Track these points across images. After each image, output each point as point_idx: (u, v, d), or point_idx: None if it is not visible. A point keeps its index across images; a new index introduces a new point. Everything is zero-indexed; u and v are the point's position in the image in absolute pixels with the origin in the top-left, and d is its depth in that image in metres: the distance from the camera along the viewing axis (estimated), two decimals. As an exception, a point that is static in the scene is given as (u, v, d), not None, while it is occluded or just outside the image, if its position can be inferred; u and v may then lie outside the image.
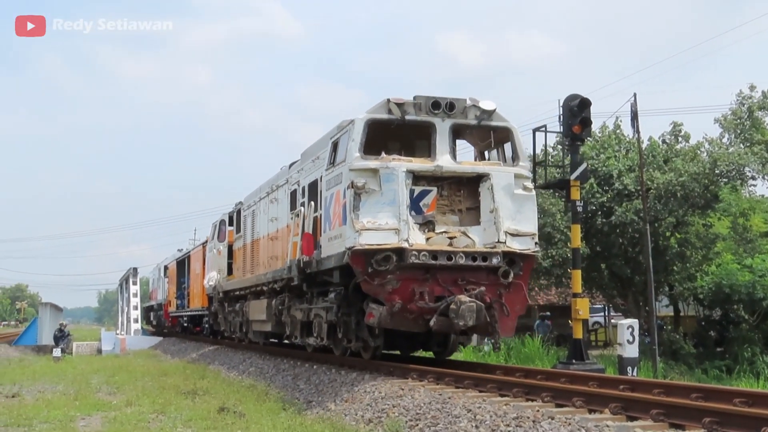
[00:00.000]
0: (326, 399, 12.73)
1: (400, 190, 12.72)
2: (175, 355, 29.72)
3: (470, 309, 12.33)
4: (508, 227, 13.06)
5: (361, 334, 13.97)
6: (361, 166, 12.77)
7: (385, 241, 12.53)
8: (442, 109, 13.34)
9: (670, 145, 31.93)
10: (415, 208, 13.07)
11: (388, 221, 12.60)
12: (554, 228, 30.79)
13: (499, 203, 13.07)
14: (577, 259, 18.98)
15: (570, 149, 19.49)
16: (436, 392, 10.89)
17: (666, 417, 7.92)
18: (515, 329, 14.02)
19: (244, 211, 22.88)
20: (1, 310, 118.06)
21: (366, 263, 12.53)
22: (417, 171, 13.05)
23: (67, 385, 17.91)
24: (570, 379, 11.37)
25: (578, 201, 18.91)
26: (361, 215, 12.59)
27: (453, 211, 13.47)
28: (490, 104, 13.71)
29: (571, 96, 18.75)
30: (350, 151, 12.96)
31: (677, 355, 30.31)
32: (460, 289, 12.71)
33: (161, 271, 50.02)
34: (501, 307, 12.95)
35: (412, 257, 12.48)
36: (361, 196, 12.64)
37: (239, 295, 23.15)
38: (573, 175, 18.76)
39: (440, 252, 12.67)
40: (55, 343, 34.73)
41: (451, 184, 13.44)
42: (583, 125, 18.71)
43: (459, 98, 13.55)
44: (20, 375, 21.33)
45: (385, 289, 12.55)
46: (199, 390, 15.54)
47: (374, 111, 13.29)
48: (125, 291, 50.01)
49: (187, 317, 40.25)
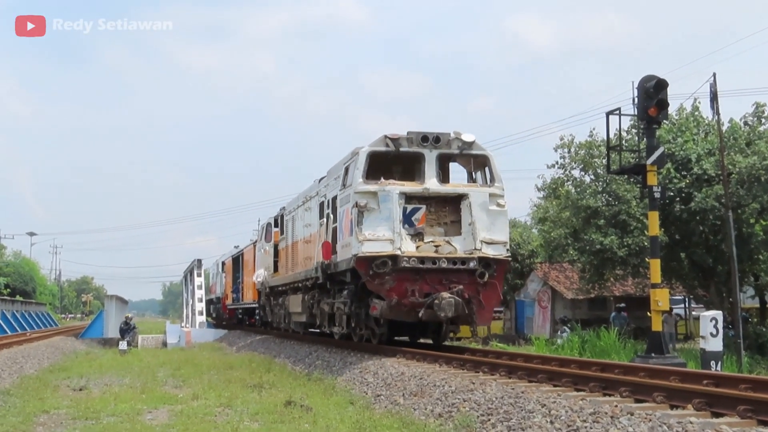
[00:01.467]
0: (394, 392, 12.76)
1: (394, 208, 16.37)
2: (241, 348, 30.17)
3: (449, 303, 15.80)
4: (483, 237, 16.52)
5: (369, 324, 17.75)
6: (363, 190, 16.47)
7: (382, 250, 16.14)
8: (430, 141, 16.81)
9: (753, 127, 31.05)
10: (407, 222, 16.62)
11: (385, 233, 16.25)
12: (629, 215, 30.31)
13: (475, 218, 16.56)
14: (655, 248, 18.65)
15: (645, 133, 19.14)
16: (508, 386, 10.84)
17: (754, 414, 7.72)
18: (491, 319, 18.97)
19: (286, 215, 26.42)
20: (68, 302, 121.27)
21: (368, 267, 16.10)
22: (409, 192, 16.66)
23: (133, 378, 18.32)
24: (649, 374, 11.15)
25: (655, 186, 18.56)
26: (364, 229, 16.26)
27: (440, 224, 16.98)
28: (470, 137, 17.06)
29: (647, 77, 18.40)
30: (355, 177, 16.71)
31: (764, 349, 29.58)
32: (445, 288, 16.14)
33: (219, 267, 52.01)
34: (478, 302, 16.36)
35: (404, 262, 16.06)
36: (363, 213, 16.32)
37: (281, 291, 27.06)
38: (649, 160, 18.42)
39: (427, 257, 16.25)
40: (121, 335, 35.42)
41: (438, 202, 16.94)
42: (659, 107, 18.35)
43: (444, 132, 17.03)
44: (87, 368, 21.89)
45: (384, 287, 16.06)
46: (265, 383, 15.75)
47: (375, 144, 16.91)
48: (190, 283, 50.53)
49: (242, 310, 42.59)
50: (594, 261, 31.79)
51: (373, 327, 17.78)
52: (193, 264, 49.34)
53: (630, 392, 9.52)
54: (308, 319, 22.89)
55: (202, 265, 49.19)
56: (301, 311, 23.21)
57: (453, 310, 15.80)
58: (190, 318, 47.61)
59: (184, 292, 55.94)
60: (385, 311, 16.24)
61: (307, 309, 22.39)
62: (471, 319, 16.48)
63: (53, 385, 17.09)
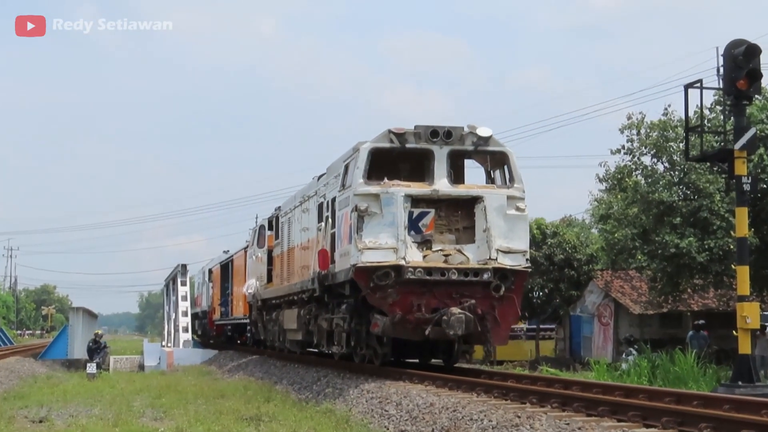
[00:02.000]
0: (422, 427, 12.77)
1: (398, 212, 17.22)
2: (234, 371, 30.29)
3: (459, 320, 16.62)
4: (500, 245, 17.39)
5: (371, 343, 18.63)
6: (364, 192, 17.34)
7: (385, 259, 17.03)
8: (440, 137, 17.65)
9: None
10: (414, 228, 17.47)
11: (388, 241, 17.14)
12: (712, 212, 30.12)
13: (491, 223, 17.41)
14: (743, 253, 18.57)
15: (733, 110, 19.05)
16: (561, 421, 10.86)
17: None
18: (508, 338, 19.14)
19: (281, 217, 27.27)
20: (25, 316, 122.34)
21: (368, 279, 17.02)
22: (415, 195, 17.51)
23: (104, 408, 18.44)
24: (736, 406, 11.12)
25: (745, 177, 18.47)
26: (364, 236, 17.13)
27: (450, 230, 17.82)
28: (486, 131, 17.95)
29: (735, 42, 18.32)
30: (355, 177, 17.57)
31: None
32: (455, 302, 16.97)
33: (205, 275, 52.36)
34: (494, 319, 17.21)
35: (409, 273, 16.90)
36: (364, 218, 17.17)
37: (276, 304, 28.01)
38: (738, 144, 18.33)
39: (435, 268, 17.09)
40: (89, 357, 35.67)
41: (449, 205, 17.81)
42: (750, 79, 18.27)
43: (456, 126, 17.88)
44: (49, 395, 22.05)
45: (387, 302, 16.97)
46: (264, 416, 15.83)
47: (377, 140, 17.75)
48: (172, 293, 50.25)
49: (231, 326, 43.36)
50: (667, 268, 31.59)
51: (375, 346, 18.63)
52: (177, 270, 49.03)
53: (712, 429, 9.48)
54: (304, 337, 23.88)
55: (187, 271, 48.65)
56: (296, 328, 24.14)
57: (464, 328, 16.69)
58: (172, 335, 47.51)
59: (166, 304, 55.89)
60: (387, 328, 17.18)
61: (303, 325, 23.24)
62: (485, 337, 17.39)
63: (7, 416, 17.21)
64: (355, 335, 18.91)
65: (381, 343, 18.44)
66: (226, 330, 45.41)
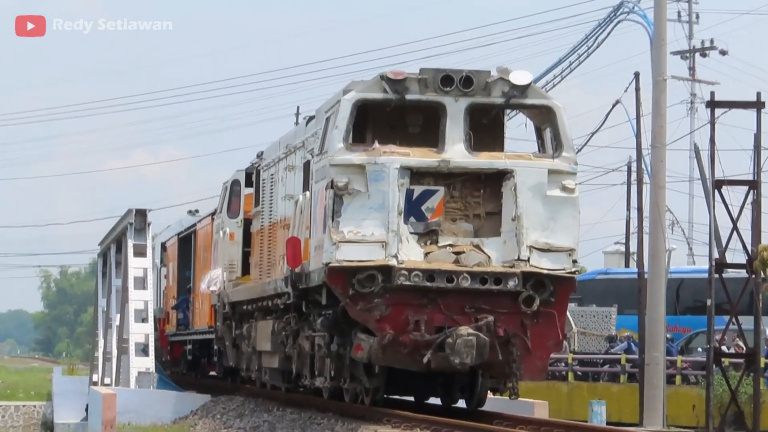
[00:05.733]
0: None
1: (390, 191, 13.23)
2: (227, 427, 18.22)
3: (468, 344, 12.77)
4: (535, 240, 13.38)
5: (356, 372, 14.28)
6: (343, 161, 13.35)
7: (369, 257, 13.15)
8: (455, 85, 13.61)
9: None
10: (415, 214, 13.59)
11: (375, 231, 13.21)
12: None
13: (523, 209, 13.35)
14: None
15: None
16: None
17: None
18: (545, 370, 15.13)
19: (263, 171, 19.76)
20: None
21: (346, 283, 13.17)
22: (416, 167, 13.54)
23: None
24: None
25: None
26: (342, 223, 13.21)
27: (466, 217, 13.90)
28: (523, 76, 13.96)
29: None
30: (332, 140, 13.57)
31: None
32: (468, 319, 13.20)
33: (156, 255, 33.62)
34: (523, 343, 13.30)
35: (401, 278, 13.02)
36: (343, 198, 13.24)
37: (248, 311, 20.29)
38: None
39: (439, 271, 13.16)
40: None
41: (467, 182, 13.87)
42: None
43: (480, 70, 14.00)
44: None
45: (372, 316, 13.14)
46: None
47: (366, 89, 13.82)
48: (115, 272, 28.92)
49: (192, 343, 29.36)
50: None
51: (361, 377, 14.34)
52: (126, 220, 26.52)
53: None
54: (281, 364, 17.47)
55: (148, 223, 26.35)
56: (271, 350, 17.89)
57: (474, 356, 12.86)
58: (114, 361, 26.98)
59: (101, 292, 32.65)
60: (375, 353, 13.17)
61: (278, 346, 17.27)
62: (509, 369, 13.37)
63: None
64: (336, 361, 14.56)
65: (370, 373, 14.17)
66: (186, 350, 30.21)
